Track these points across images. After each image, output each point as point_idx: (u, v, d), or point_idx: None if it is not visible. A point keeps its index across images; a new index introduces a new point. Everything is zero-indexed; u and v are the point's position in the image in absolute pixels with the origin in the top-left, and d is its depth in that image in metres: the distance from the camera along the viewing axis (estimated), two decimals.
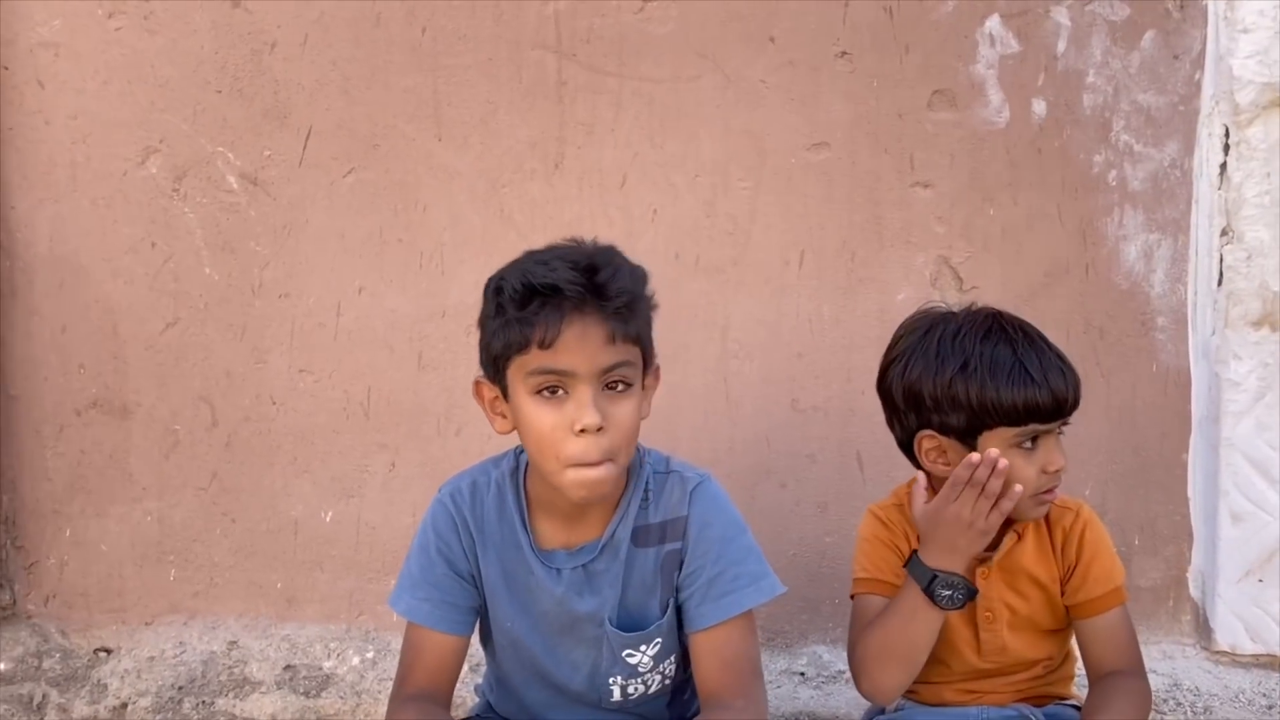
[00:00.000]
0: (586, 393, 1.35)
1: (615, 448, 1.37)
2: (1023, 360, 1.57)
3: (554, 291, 1.33)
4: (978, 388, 1.57)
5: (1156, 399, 2.22)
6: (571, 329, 1.34)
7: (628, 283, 1.37)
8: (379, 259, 2.24)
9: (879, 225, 2.21)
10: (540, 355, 1.35)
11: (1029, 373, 1.56)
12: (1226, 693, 2.11)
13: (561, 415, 1.35)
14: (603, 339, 1.35)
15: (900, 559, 1.65)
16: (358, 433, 2.26)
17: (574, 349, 1.34)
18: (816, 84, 2.19)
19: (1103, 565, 1.64)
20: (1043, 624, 1.66)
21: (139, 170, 2.24)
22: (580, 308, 1.34)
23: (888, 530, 1.69)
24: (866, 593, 1.67)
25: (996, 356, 1.58)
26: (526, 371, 1.37)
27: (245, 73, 2.22)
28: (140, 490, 2.28)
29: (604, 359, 1.35)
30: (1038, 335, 1.62)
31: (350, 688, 2.19)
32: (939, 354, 1.61)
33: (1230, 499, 2.17)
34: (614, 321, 1.35)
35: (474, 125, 2.22)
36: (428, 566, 1.51)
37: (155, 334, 2.26)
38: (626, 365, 1.38)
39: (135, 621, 2.29)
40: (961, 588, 1.54)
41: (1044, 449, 1.58)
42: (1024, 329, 1.62)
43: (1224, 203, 2.17)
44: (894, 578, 1.65)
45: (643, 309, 1.41)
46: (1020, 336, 1.60)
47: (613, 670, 1.52)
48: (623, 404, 1.38)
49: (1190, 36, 2.17)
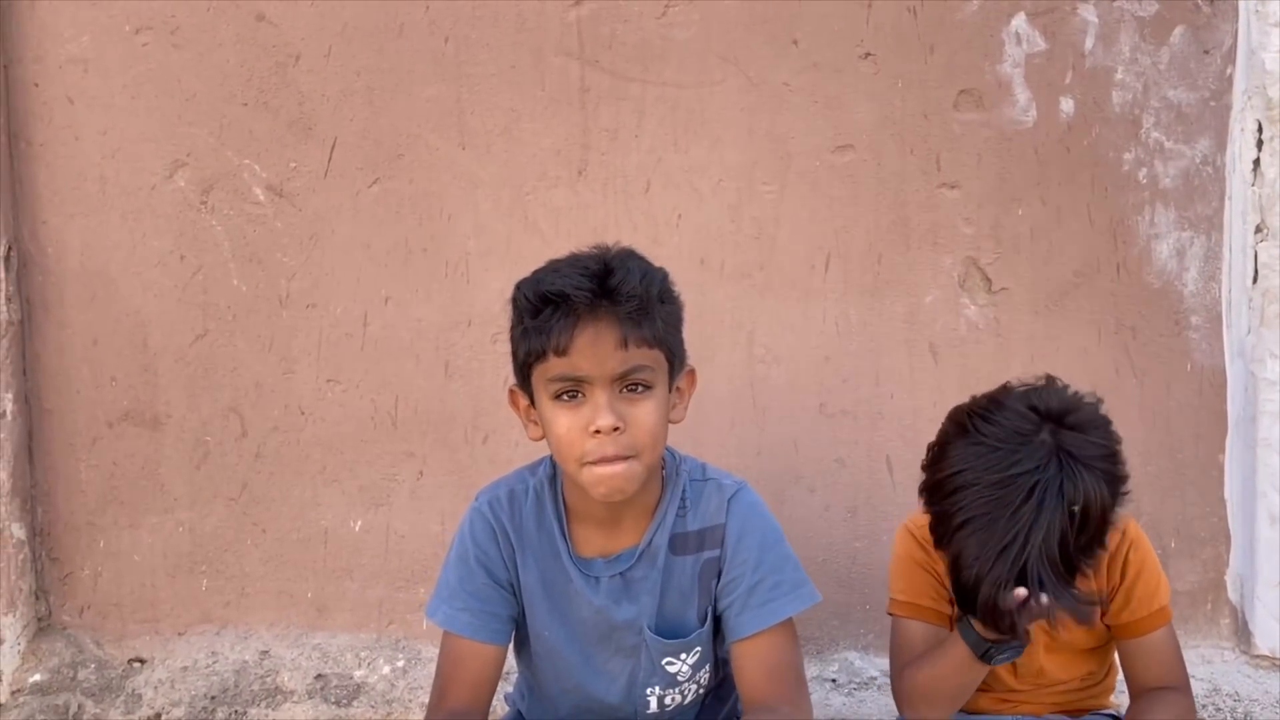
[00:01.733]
0: (602, 396, 1.36)
1: (635, 446, 1.37)
2: (1020, 570, 1.38)
3: (563, 299, 1.35)
4: (956, 564, 1.46)
5: (1191, 399, 2.19)
6: (584, 334, 1.35)
7: (639, 286, 1.37)
8: (404, 268, 2.25)
9: (905, 227, 2.19)
10: (557, 362, 1.37)
11: (1000, 567, 1.38)
12: (1268, 698, 2.07)
13: (579, 418, 1.37)
14: (615, 342, 1.35)
15: (937, 582, 1.60)
16: (386, 442, 2.27)
17: (587, 354, 1.35)
18: (840, 86, 2.18)
19: (1146, 586, 1.58)
20: (1081, 644, 1.62)
21: (167, 184, 2.26)
22: (593, 313, 1.35)
23: (924, 552, 1.62)
24: (906, 616, 1.64)
25: (994, 555, 1.39)
26: (547, 378, 1.39)
27: (270, 85, 2.23)
28: (172, 501, 2.30)
29: (617, 363, 1.36)
30: (1077, 520, 1.40)
31: (381, 696, 2.19)
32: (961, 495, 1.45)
33: (1268, 500, 2.14)
34: (627, 325, 1.36)
35: (497, 133, 2.22)
36: (467, 576, 1.51)
37: (185, 346, 2.28)
38: (643, 369, 1.38)
39: (168, 631, 2.31)
40: (1017, 648, 1.47)
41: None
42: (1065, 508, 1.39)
43: (1258, 199, 2.14)
44: (932, 603, 1.61)
45: (662, 312, 1.41)
46: (1043, 539, 1.38)
47: (651, 680, 1.52)
48: (642, 405, 1.38)
49: (1221, 31, 2.14)
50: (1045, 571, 1.38)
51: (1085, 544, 1.42)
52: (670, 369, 1.43)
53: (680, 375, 1.46)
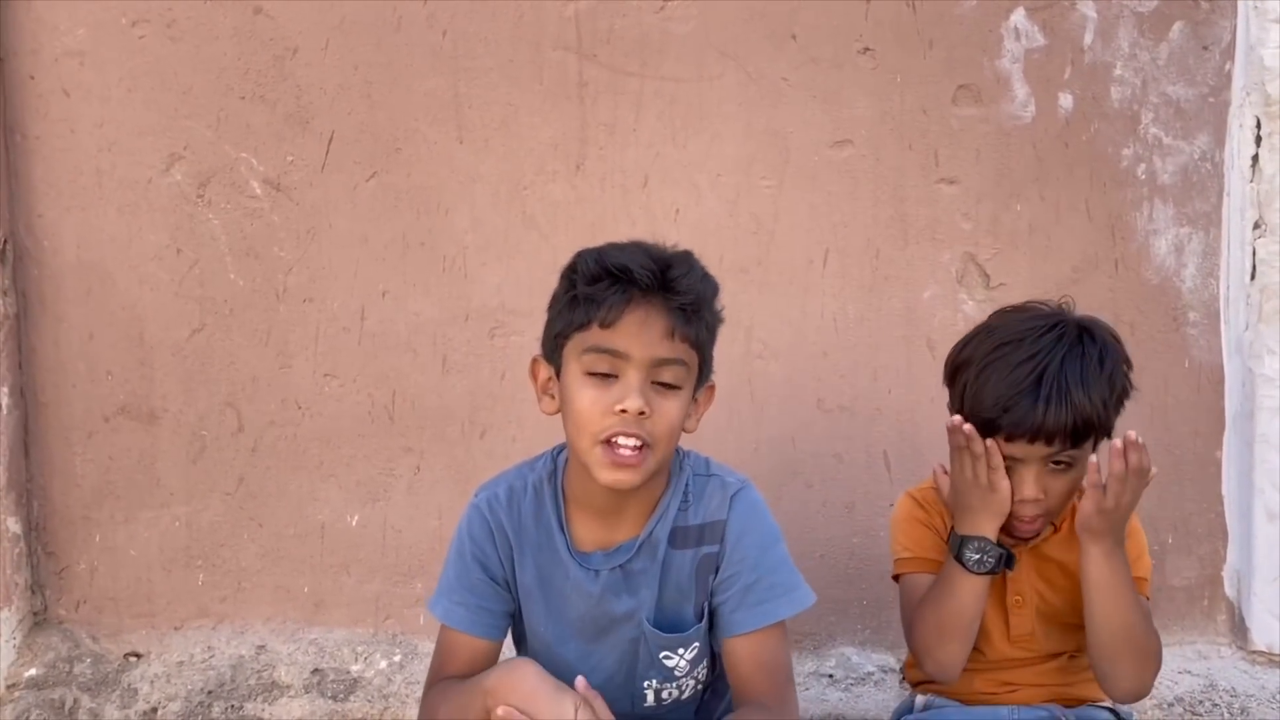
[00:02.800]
0: (635, 378, 1.37)
1: (654, 436, 1.38)
2: (1032, 395, 1.50)
3: (625, 274, 1.37)
4: (972, 397, 1.56)
5: (1189, 396, 2.19)
6: (634, 313, 1.36)
7: (698, 285, 1.40)
8: (402, 262, 2.24)
9: (904, 223, 2.19)
10: (599, 333, 1.37)
11: (1019, 410, 1.50)
12: (1264, 693, 2.08)
13: (606, 395, 1.37)
14: (662, 330, 1.37)
15: (938, 538, 1.67)
16: (383, 436, 2.26)
17: (633, 333, 1.36)
18: (839, 81, 2.17)
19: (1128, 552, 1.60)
20: (1070, 617, 1.64)
21: (164, 177, 2.25)
22: (647, 295, 1.37)
23: (924, 511, 1.70)
24: (911, 571, 1.68)
25: (1007, 380, 1.52)
26: (583, 348, 1.39)
27: (267, 78, 2.23)
28: (168, 495, 2.30)
29: (660, 350, 1.37)
30: (1088, 370, 1.52)
31: (378, 691, 2.19)
32: (980, 358, 1.58)
33: (1266, 496, 2.14)
34: (676, 317, 1.37)
35: (495, 127, 2.22)
36: (463, 572, 1.53)
37: (181, 340, 2.28)
38: (679, 364, 1.39)
39: (164, 626, 2.30)
40: (990, 551, 1.54)
41: (1017, 475, 1.54)
42: (1077, 365, 1.52)
43: (1256, 195, 2.14)
44: (935, 554, 1.66)
45: (708, 317, 1.44)
46: (1061, 376, 1.50)
47: (649, 674, 1.52)
48: (668, 401, 1.39)
49: (1220, 27, 2.14)
50: (1062, 382, 1.50)
51: (1100, 389, 1.52)
52: (699, 376, 1.44)
53: (702, 386, 1.48)
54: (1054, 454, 1.53)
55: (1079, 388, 1.51)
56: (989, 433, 1.53)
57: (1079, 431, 1.52)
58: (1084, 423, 1.51)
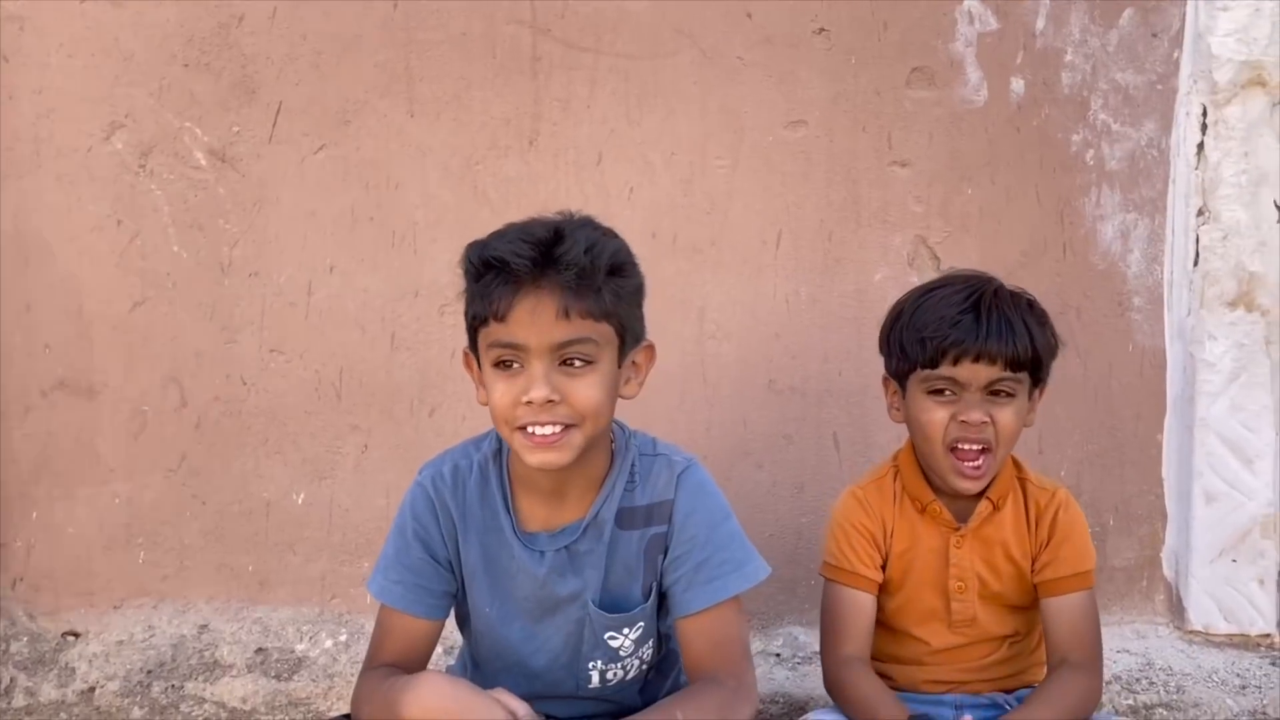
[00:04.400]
0: (538, 367, 1.34)
1: (574, 415, 1.36)
2: (972, 313, 1.55)
3: (504, 265, 1.33)
4: (912, 328, 1.59)
5: (1132, 379, 2.22)
6: (524, 301, 1.33)
7: (582, 257, 1.33)
8: (351, 237, 2.21)
9: (857, 205, 2.19)
10: (497, 328, 1.35)
11: (964, 326, 1.54)
12: (1199, 672, 2.12)
13: (514, 386, 1.35)
14: (555, 313, 1.33)
15: (877, 550, 1.66)
16: (330, 414, 2.23)
17: (525, 323, 1.33)
18: (794, 61, 2.17)
19: (1074, 548, 1.64)
20: (1012, 599, 1.67)
21: (104, 146, 2.20)
22: (536, 281, 1.33)
23: (864, 513, 1.68)
24: (837, 582, 1.67)
25: (946, 304, 1.58)
26: (487, 344, 1.38)
27: (212, 46, 2.18)
28: (108, 472, 2.25)
29: (555, 334, 1.34)
30: (1019, 305, 1.59)
31: (323, 670, 2.17)
32: (913, 300, 1.63)
33: (1204, 479, 2.18)
34: (568, 296, 1.33)
35: (447, 101, 2.19)
36: (403, 549, 1.50)
37: (123, 313, 2.23)
38: (585, 341, 1.35)
39: (104, 605, 2.26)
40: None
41: (962, 401, 1.57)
42: (1008, 299, 1.59)
43: (1201, 182, 2.17)
44: (867, 570, 1.65)
45: (612, 284, 1.37)
46: (995, 304, 1.57)
47: (594, 654, 1.51)
48: (582, 379, 1.36)
49: (1169, 14, 2.17)
50: (999, 307, 1.56)
51: (1032, 321, 1.59)
52: (622, 343, 1.40)
53: (636, 350, 1.44)
54: (997, 379, 1.56)
55: (1014, 312, 1.57)
56: (932, 362, 1.56)
57: (1019, 358, 1.55)
58: (1023, 348, 1.55)
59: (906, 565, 1.67)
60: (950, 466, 1.59)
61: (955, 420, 1.57)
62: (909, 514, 1.68)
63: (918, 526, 1.67)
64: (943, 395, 1.58)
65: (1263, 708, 2.04)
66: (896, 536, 1.67)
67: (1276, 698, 2.05)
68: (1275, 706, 2.04)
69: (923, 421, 1.60)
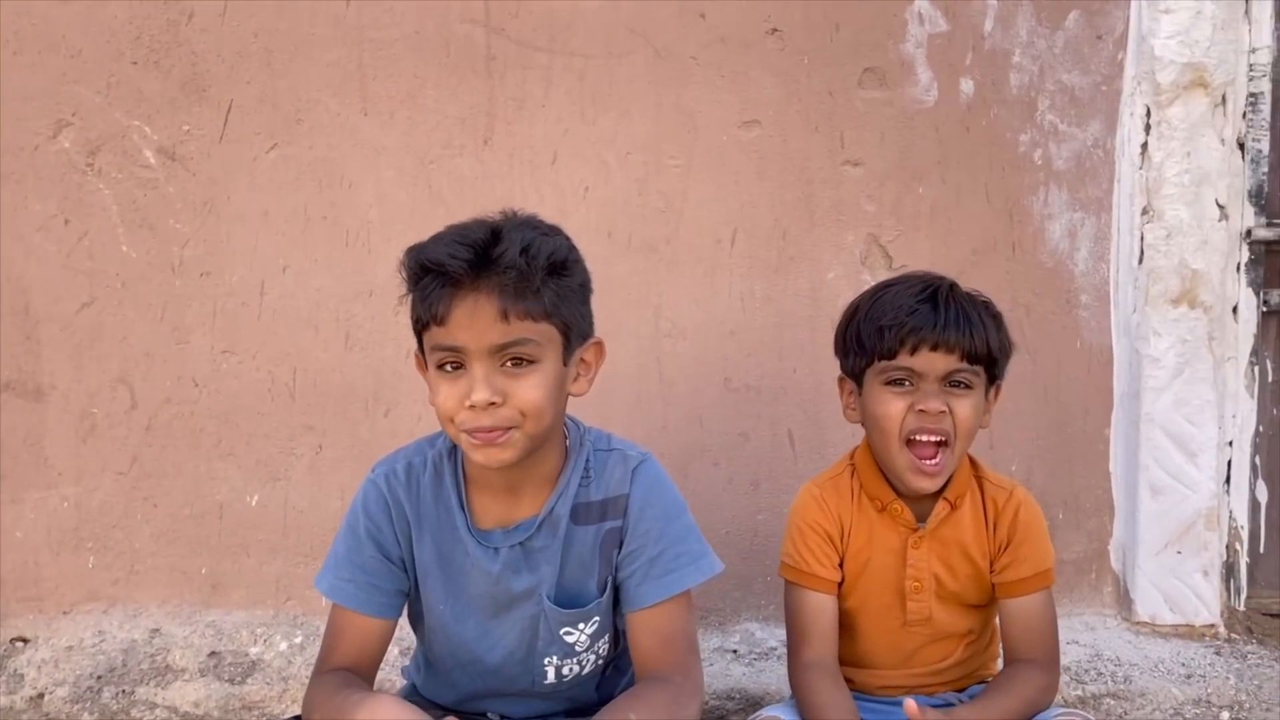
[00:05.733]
0: (479, 369, 1.34)
1: (515, 418, 1.35)
2: (930, 304, 1.56)
3: (441, 269, 1.32)
4: (869, 319, 1.59)
5: (1080, 375, 2.26)
6: (463, 304, 1.33)
7: (518, 258, 1.32)
8: (304, 236, 2.19)
9: (810, 204, 2.21)
10: (438, 332, 1.35)
11: (921, 314, 1.55)
12: (1146, 662, 2.16)
13: (457, 389, 1.35)
14: (494, 315, 1.32)
15: (834, 548, 1.65)
16: (284, 414, 2.22)
17: (465, 325, 1.33)
18: (747, 61, 2.18)
19: (1035, 547, 1.63)
20: (968, 598, 1.67)
21: (51, 144, 2.16)
22: (474, 284, 1.32)
23: (821, 512, 1.66)
24: (796, 584, 1.66)
25: (904, 295, 1.59)
26: (430, 346, 1.37)
27: (161, 44, 2.15)
28: (56, 475, 2.22)
29: (495, 336, 1.33)
30: (975, 302, 1.60)
31: (277, 674, 2.15)
32: (869, 296, 1.64)
33: (1150, 473, 2.22)
34: (507, 297, 1.32)
35: (401, 100, 2.18)
36: (355, 547, 1.49)
37: (70, 314, 2.19)
38: (526, 342, 1.35)
39: (53, 610, 2.23)
40: None
41: (919, 391, 1.57)
42: (963, 295, 1.60)
43: (1145, 182, 2.21)
44: (824, 571, 1.64)
45: (553, 284, 1.36)
46: (952, 296, 1.58)
47: (549, 650, 1.51)
48: (525, 380, 1.35)
49: (1113, 17, 2.21)
50: (955, 300, 1.57)
51: (988, 317, 1.59)
52: (567, 341, 1.40)
53: (584, 347, 1.44)
54: (954, 369, 1.55)
55: (970, 307, 1.58)
56: (890, 352, 1.56)
57: (975, 351, 1.56)
58: (980, 340, 1.56)
59: (862, 564, 1.66)
60: (907, 463, 1.58)
61: (913, 410, 1.56)
62: (868, 513, 1.67)
63: (875, 526, 1.66)
64: (901, 386, 1.57)
65: (1207, 696, 2.08)
66: (853, 535, 1.67)
67: (1220, 686, 2.10)
68: (1219, 695, 2.08)
69: (879, 414, 1.59)
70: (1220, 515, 2.25)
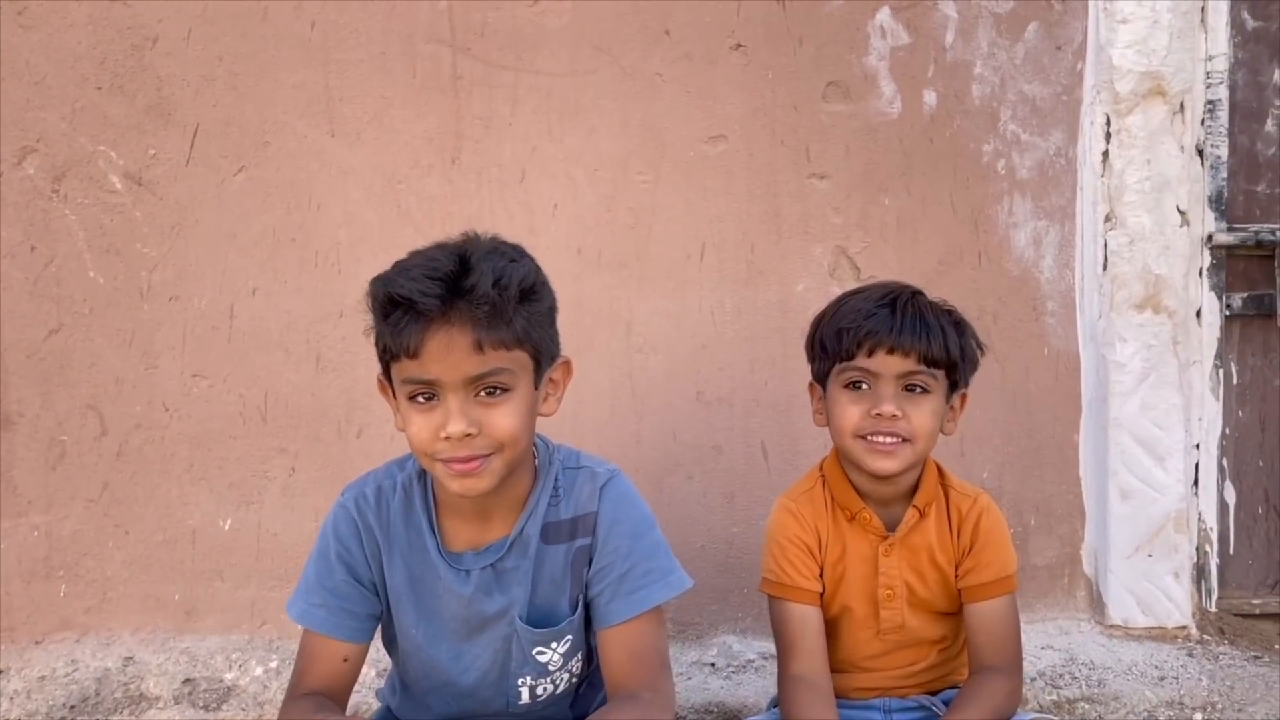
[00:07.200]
0: (454, 401, 1.32)
1: (491, 446, 1.35)
2: (888, 308, 1.59)
3: (411, 304, 1.30)
4: (831, 324, 1.62)
5: (1048, 382, 2.28)
6: (436, 337, 1.30)
7: (491, 291, 1.31)
8: (272, 259, 2.19)
9: (777, 217, 2.23)
10: (409, 364, 1.33)
11: (879, 318, 1.58)
12: (1120, 665, 2.17)
13: (431, 420, 1.34)
14: (468, 347, 1.31)
15: (814, 559, 1.66)
16: (255, 438, 2.21)
17: (439, 359, 1.31)
18: (712, 77, 2.20)
19: (995, 553, 1.66)
20: (939, 605, 1.69)
21: (15, 171, 2.15)
22: (446, 316, 1.30)
23: (799, 525, 1.68)
24: (777, 597, 1.67)
25: (865, 301, 1.62)
26: (401, 379, 1.36)
27: (126, 69, 2.15)
28: (25, 504, 2.20)
29: (470, 368, 1.32)
30: (937, 309, 1.62)
31: (253, 699, 2.13)
32: (835, 302, 1.67)
33: (1119, 477, 2.24)
34: (481, 329, 1.31)
35: (368, 120, 2.18)
36: (326, 572, 1.48)
37: (38, 341, 2.18)
38: (500, 372, 1.34)
39: (24, 640, 2.20)
40: None
41: (875, 392, 1.58)
42: (925, 302, 1.62)
43: (1107, 189, 2.24)
44: (806, 583, 1.65)
45: (524, 311, 1.35)
46: (911, 302, 1.60)
47: (522, 670, 1.51)
48: (499, 408, 1.34)
49: (1072, 28, 2.24)
50: (915, 306, 1.60)
51: (947, 322, 1.62)
52: (538, 365, 1.39)
53: (553, 368, 1.44)
54: (911, 372, 1.57)
55: (929, 312, 1.60)
56: (848, 354, 1.59)
57: (932, 355, 1.57)
58: (937, 345, 1.58)
59: (839, 574, 1.68)
60: (863, 447, 1.60)
61: (869, 415, 1.58)
62: (840, 523, 1.69)
63: (848, 535, 1.68)
64: (858, 389, 1.60)
65: (1180, 698, 2.10)
66: (829, 546, 1.68)
67: (1193, 688, 2.11)
68: (1192, 696, 2.10)
69: (837, 414, 1.61)
70: (1189, 518, 2.28)
